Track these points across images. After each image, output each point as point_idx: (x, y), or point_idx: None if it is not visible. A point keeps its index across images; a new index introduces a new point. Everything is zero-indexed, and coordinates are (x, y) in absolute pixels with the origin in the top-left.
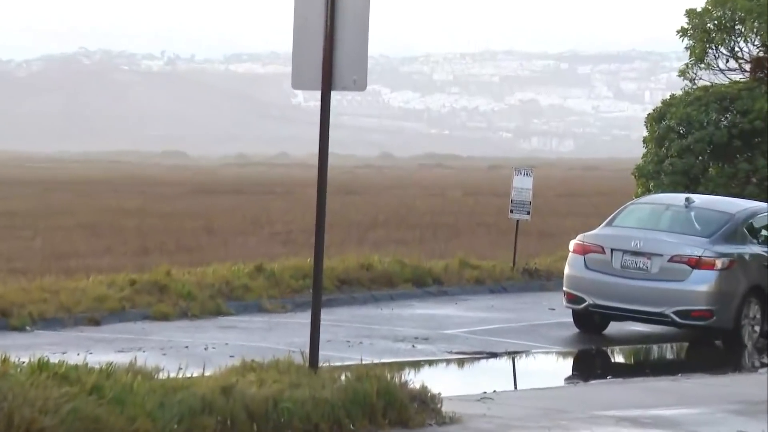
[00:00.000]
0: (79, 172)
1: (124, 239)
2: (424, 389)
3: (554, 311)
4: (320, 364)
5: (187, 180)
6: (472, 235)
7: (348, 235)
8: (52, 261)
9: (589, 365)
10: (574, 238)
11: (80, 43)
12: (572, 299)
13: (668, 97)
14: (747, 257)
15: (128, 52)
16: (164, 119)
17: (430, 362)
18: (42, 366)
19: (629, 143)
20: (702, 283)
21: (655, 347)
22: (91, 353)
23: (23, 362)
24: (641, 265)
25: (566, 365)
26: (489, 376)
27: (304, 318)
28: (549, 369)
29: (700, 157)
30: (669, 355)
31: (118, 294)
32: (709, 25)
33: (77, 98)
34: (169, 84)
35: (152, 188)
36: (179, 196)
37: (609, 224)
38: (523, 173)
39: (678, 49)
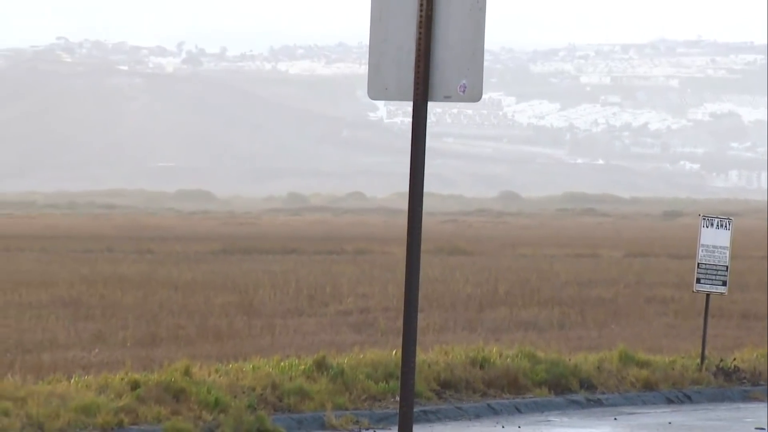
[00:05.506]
0: (54, 223)
1: (121, 322)
2: None
3: None
4: None
5: (214, 233)
6: (638, 316)
7: (453, 315)
8: (17, 354)
9: None
10: None
11: (59, 31)
12: None
13: None
14: None
15: (129, 44)
16: (180, 144)
17: None
18: None
19: None
20: None
21: None
22: None
23: None
24: None
25: None
26: None
27: None
28: None
29: None
30: None
31: (114, 403)
32: None
33: (51, 112)
34: (188, 91)
35: (162, 246)
36: (202, 258)
37: None
38: (716, 224)
39: None
